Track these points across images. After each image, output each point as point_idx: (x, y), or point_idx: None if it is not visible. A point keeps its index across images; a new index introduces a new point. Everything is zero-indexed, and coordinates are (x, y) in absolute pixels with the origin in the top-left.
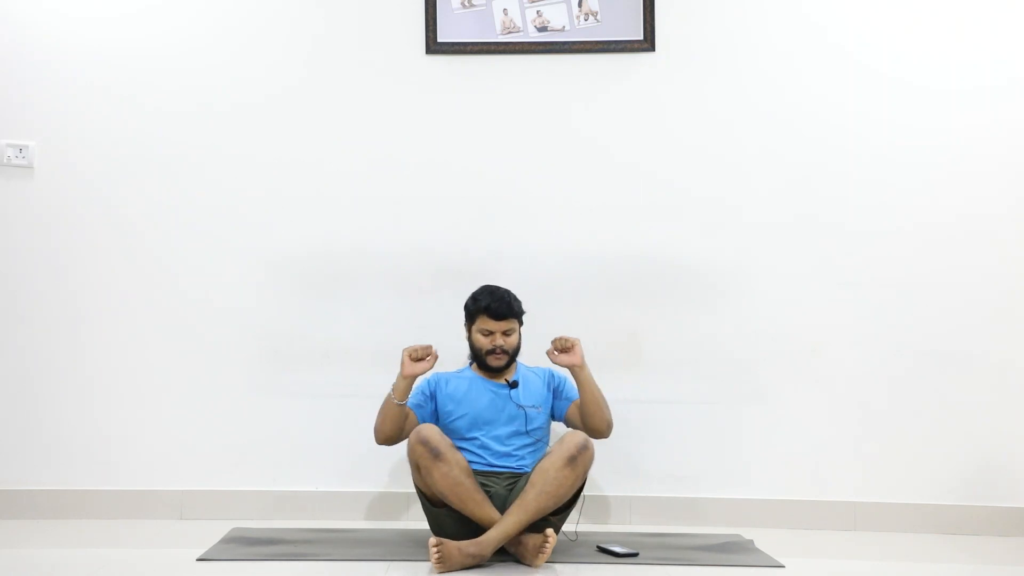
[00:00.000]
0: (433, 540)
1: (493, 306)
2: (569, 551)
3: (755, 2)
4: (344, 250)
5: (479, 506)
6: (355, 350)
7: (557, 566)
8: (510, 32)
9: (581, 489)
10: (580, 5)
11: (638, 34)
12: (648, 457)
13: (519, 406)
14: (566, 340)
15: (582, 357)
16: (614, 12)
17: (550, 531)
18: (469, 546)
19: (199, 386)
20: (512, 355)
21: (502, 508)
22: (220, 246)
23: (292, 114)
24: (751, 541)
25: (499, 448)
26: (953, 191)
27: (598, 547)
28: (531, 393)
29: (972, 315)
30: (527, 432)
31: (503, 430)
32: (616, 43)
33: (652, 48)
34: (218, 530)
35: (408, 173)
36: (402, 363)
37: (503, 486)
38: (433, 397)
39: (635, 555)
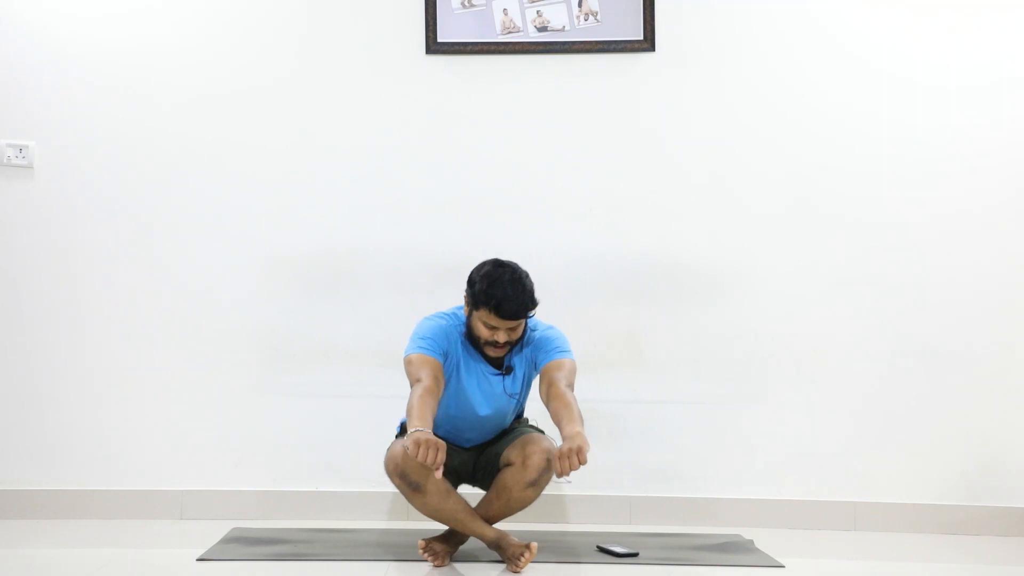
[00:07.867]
0: (421, 543)
1: (505, 306)
2: (569, 551)
3: (756, 1)
4: (344, 249)
5: (463, 525)
6: (355, 350)
7: (557, 566)
8: (510, 32)
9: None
10: (580, 5)
11: (638, 34)
12: (648, 457)
13: (508, 395)
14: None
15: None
16: (614, 12)
17: (534, 545)
18: (451, 536)
19: (199, 386)
20: (514, 345)
21: (471, 472)
22: (220, 245)
23: (291, 114)
24: (751, 541)
25: (472, 430)
26: (953, 191)
27: (598, 547)
28: (517, 376)
29: (972, 314)
30: (507, 395)
31: (484, 410)
32: (616, 43)
33: (652, 48)
34: (218, 530)
35: (408, 173)
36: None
37: (470, 454)
38: (445, 356)
39: (635, 555)
